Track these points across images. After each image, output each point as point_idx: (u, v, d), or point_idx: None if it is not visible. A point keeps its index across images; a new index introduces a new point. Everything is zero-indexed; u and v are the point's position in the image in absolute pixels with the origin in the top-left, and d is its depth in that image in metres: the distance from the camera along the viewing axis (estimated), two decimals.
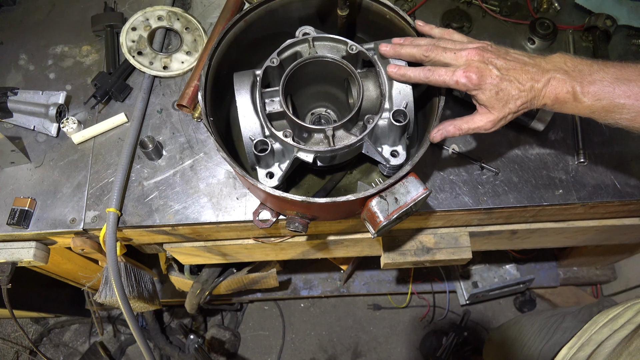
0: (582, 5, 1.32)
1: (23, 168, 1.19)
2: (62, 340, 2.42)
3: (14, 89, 1.23)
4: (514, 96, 0.81)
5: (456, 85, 0.83)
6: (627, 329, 0.98)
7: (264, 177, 0.95)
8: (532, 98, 0.82)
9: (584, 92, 0.79)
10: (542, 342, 1.22)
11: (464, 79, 0.82)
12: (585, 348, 1.04)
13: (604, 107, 0.79)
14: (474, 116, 0.87)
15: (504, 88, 0.81)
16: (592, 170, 1.13)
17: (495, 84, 0.81)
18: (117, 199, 1.10)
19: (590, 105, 0.79)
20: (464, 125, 0.87)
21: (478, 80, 0.81)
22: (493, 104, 0.83)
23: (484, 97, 0.83)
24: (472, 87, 0.82)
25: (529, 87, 0.81)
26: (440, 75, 0.84)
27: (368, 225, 0.90)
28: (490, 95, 0.82)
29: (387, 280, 2.23)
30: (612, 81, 0.78)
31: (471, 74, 0.81)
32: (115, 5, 1.38)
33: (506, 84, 0.81)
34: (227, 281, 1.65)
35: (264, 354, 2.38)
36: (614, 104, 0.78)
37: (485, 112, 0.85)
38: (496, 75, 0.81)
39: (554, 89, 0.80)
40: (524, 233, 1.30)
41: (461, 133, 0.88)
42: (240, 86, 0.95)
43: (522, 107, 0.83)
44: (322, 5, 1.05)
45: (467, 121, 0.87)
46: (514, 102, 0.82)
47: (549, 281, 2.20)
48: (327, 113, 1.13)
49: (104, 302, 1.18)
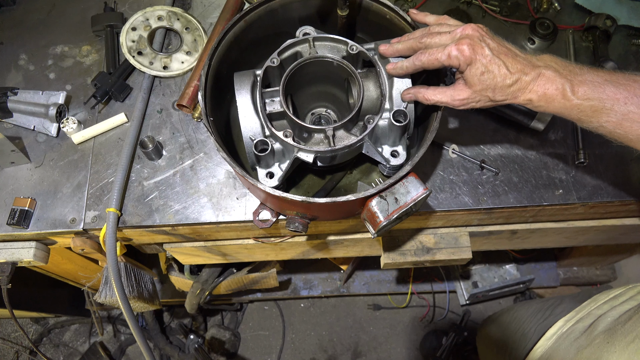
0: (582, 5, 1.32)
1: (23, 168, 1.19)
2: (62, 340, 2.42)
3: (14, 89, 1.23)
4: (497, 83, 0.79)
5: (448, 60, 0.80)
6: (630, 304, 0.97)
7: (264, 177, 0.95)
8: (517, 90, 0.80)
9: (574, 90, 0.77)
10: (538, 322, 1.21)
11: (455, 52, 0.79)
12: (585, 320, 1.03)
13: (592, 107, 0.78)
14: (448, 89, 0.85)
15: (491, 70, 0.79)
16: (592, 170, 1.13)
17: (484, 62, 0.79)
18: (117, 199, 1.10)
19: (579, 105, 0.78)
20: (432, 97, 0.86)
21: (470, 53, 0.78)
22: (474, 82, 0.81)
23: (469, 73, 0.81)
24: (463, 60, 0.79)
25: (515, 79, 0.79)
26: (432, 54, 0.82)
27: (368, 225, 0.90)
28: (475, 73, 0.80)
29: (387, 280, 2.23)
30: (602, 82, 0.78)
31: (464, 47, 0.79)
32: (115, 5, 1.38)
33: (494, 67, 0.79)
34: (227, 281, 1.65)
35: (264, 354, 2.38)
36: (602, 105, 0.77)
37: (461, 87, 0.84)
38: (487, 54, 0.79)
39: (542, 85, 0.79)
40: (524, 233, 1.30)
41: (428, 103, 0.88)
42: (241, 86, 0.95)
43: (500, 97, 0.82)
44: (322, 5, 1.05)
45: (438, 92, 0.86)
46: (494, 90, 0.80)
47: (549, 281, 2.20)
48: (327, 113, 1.13)
49: (104, 302, 1.18)
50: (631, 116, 0.76)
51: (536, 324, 1.21)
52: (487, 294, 2.18)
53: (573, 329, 1.04)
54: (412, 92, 0.90)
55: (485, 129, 1.18)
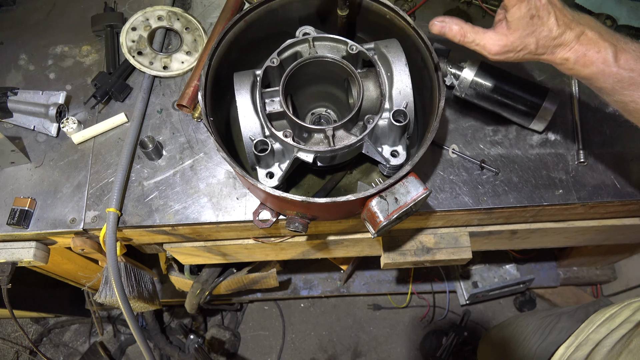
0: (582, 5, 1.31)
1: (23, 168, 1.19)
2: (62, 340, 2.42)
3: (14, 89, 1.23)
4: (543, 32, 0.73)
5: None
6: (625, 327, 0.97)
7: (264, 177, 0.95)
8: (558, 45, 0.74)
9: (617, 57, 0.72)
10: (537, 342, 1.21)
11: None
12: (583, 347, 1.03)
13: (631, 79, 0.73)
14: (488, 31, 0.76)
15: (542, 16, 0.72)
16: (592, 170, 1.13)
17: (537, 6, 0.72)
18: (117, 199, 1.10)
19: (618, 73, 0.73)
20: (470, 34, 0.76)
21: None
22: (520, 25, 0.73)
23: (518, 12, 0.72)
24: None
25: (561, 32, 0.73)
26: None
27: (368, 225, 0.90)
28: (524, 15, 0.72)
29: (387, 280, 2.23)
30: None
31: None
32: (115, 5, 1.38)
33: (545, 13, 0.72)
34: (227, 281, 1.65)
35: (264, 354, 2.38)
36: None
37: (502, 32, 0.75)
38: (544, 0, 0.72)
39: (584, 45, 0.73)
40: (524, 233, 1.30)
41: (462, 41, 0.77)
42: (240, 86, 0.95)
43: (541, 50, 0.75)
44: (322, 5, 1.05)
45: (477, 32, 0.76)
46: (538, 39, 0.74)
47: (549, 281, 2.20)
48: (327, 113, 1.13)
49: (104, 302, 1.18)
50: None
51: (537, 344, 1.21)
52: (487, 294, 2.18)
53: (573, 359, 1.04)
54: (446, 22, 0.78)
55: (485, 129, 1.18)
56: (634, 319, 0.98)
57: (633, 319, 0.98)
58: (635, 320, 0.97)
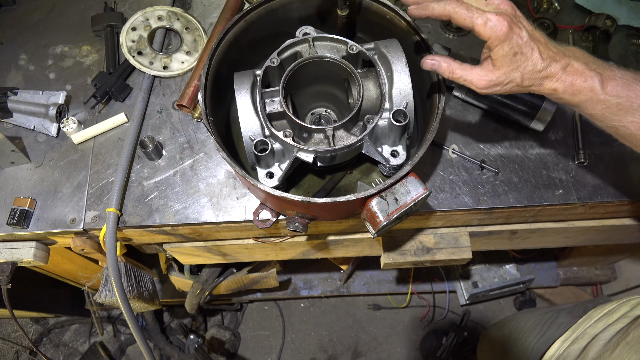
0: (582, 5, 1.32)
1: (23, 168, 1.19)
2: (62, 340, 2.42)
3: (14, 89, 1.23)
4: (528, 67, 0.76)
5: (482, 28, 0.75)
6: (622, 322, 0.96)
7: (264, 177, 0.95)
8: (545, 77, 0.77)
9: (603, 84, 0.75)
10: (536, 337, 1.21)
11: (494, 22, 0.74)
12: (579, 341, 1.03)
13: (618, 105, 0.75)
14: (475, 68, 0.80)
15: (525, 52, 0.75)
16: (592, 170, 1.13)
17: (519, 44, 0.75)
18: (117, 199, 1.10)
19: (605, 100, 0.75)
20: (457, 71, 0.80)
21: (507, 30, 0.74)
22: (504, 62, 0.76)
23: (501, 51, 0.75)
24: (497, 34, 0.74)
25: (545, 65, 0.76)
26: (470, 10, 0.75)
27: (368, 225, 0.90)
28: (507, 53, 0.75)
29: (387, 280, 2.23)
30: (631, 80, 0.75)
31: (503, 21, 0.74)
32: (115, 5, 1.38)
33: (528, 50, 0.75)
34: (227, 281, 1.65)
35: (264, 354, 2.38)
36: (630, 103, 0.74)
37: (488, 68, 0.78)
38: (524, 36, 0.75)
39: (571, 75, 0.76)
40: (524, 233, 1.30)
41: (451, 77, 0.80)
42: (240, 86, 0.95)
43: (527, 82, 0.78)
44: (322, 5, 1.05)
45: (464, 68, 0.79)
46: (523, 74, 0.77)
47: (549, 281, 2.20)
48: (327, 113, 1.13)
49: (104, 302, 1.18)
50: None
51: (535, 339, 1.21)
52: (487, 294, 2.18)
53: (568, 352, 1.04)
54: (436, 60, 0.81)
55: (485, 129, 1.18)
56: (631, 314, 0.98)
57: (631, 314, 0.98)
58: (633, 315, 0.97)
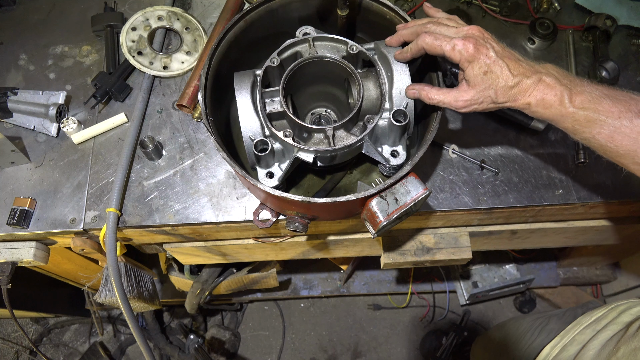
0: (582, 5, 1.32)
1: (23, 168, 1.19)
2: (62, 340, 2.42)
3: (14, 89, 1.23)
4: (500, 84, 0.81)
5: (451, 52, 0.82)
6: (611, 329, 0.97)
7: (264, 177, 0.95)
8: (518, 93, 0.81)
9: (571, 98, 0.79)
10: (527, 343, 1.22)
11: (460, 46, 0.81)
12: (569, 348, 1.04)
13: (586, 117, 0.78)
14: (452, 91, 0.86)
15: (494, 70, 0.80)
16: (592, 170, 1.13)
17: (487, 63, 0.80)
18: (117, 199, 1.10)
19: (574, 113, 0.79)
20: (436, 97, 0.86)
21: (474, 51, 0.80)
22: (477, 81, 0.82)
23: (472, 72, 0.82)
24: (465, 56, 0.81)
25: (517, 81, 0.80)
26: (438, 38, 0.83)
27: (368, 225, 0.90)
28: (478, 73, 0.81)
29: (387, 280, 2.23)
30: (599, 95, 0.78)
31: (469, 44, 0.80)
32: (115, 5, 1.38)
33: (497, 68, 0.80)
34: (227, 281, 1.65)
35: (264, 354, 2.38)
36: (597, 116, 0.78)
37: (464, 89, 0.84)
38: (491, 55, 0.80)
39: (542, 90, 0.80)
40: (524, 233, 1.30)
41: (430, 102, 0.88)
42: (241, 86, 0.95)
43: (501, 99, 0.82)
44: (322, 5, 1.05)
45: (442, 92, 0.86)
46: (496, 91, 0.82)
47: (549, 281, 2.20)
48: (327, 113, 1.13)
49: (104, 302, 1.18)
50: (623, 130, 0.77)
51: (526, 345, 1.22)
52: (487, 294, 2.18)
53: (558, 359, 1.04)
54: (416, 89, 0.90)
55: (485, 129, 1.18)
56: (619, 320, 0.99)
57: (618, 321, 0.99)
58: (621, 322, 0.98)
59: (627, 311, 1.00)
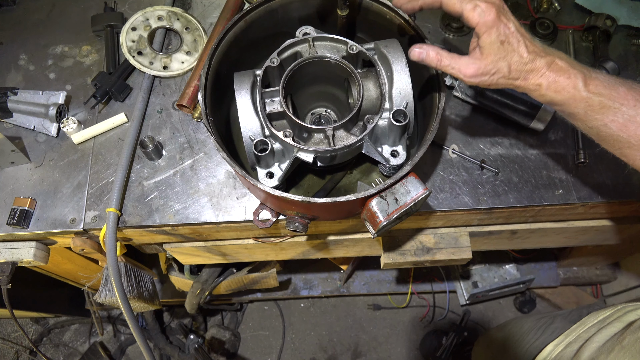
0: (582, 5, 1.32)
1: (23, 168, 1.19)
2: (62, 340, 2.42)
3: (14, 89, 1.23)
4: (514, 58, 0.77)
5: (471, 12, 0.76)
6: (616, 326, 0.97)
7: (264, 177, 0.95)
8: (530, 71, 0.78)
9: (586, 82, 0.76)
10: (530, 341, 1.21)
11: (482, 8, 0.75)
12: (573, 345, 1.03)
13: (600, 103, 0.76)
14: (463, 57, 0.81)
15: (511, 42, 0.77)
16: (592, 170, 1.13)
17: (506, 33, 0.76)
18: (117, 199, 1.10)
19: (588, 98, 0.76)
20: (445, 60, 0.81)
21: (495, 18, 0.75)
22: (491, 50, 0.78)
23: (488, 39, 0.77)
24: (486, 21, 0.76)
25: (532, 58, 0.77)
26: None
27: (368, 225, 0.90)
28: (494, 41, 0.77)
29: (387, 280, 2.23)
30: (614, 82, 0.76)
31: (491, 8, 0.75)
32: (115, 5, 1.38)
33: (515, 40, 0.77)
34: (227, 281, 1.65)
35: (264, 354, 2.38)
36: (612, 103, 0.75)
37: (476, 57, 0.80)
38: (511, 27, 0.77)
39: (555, 72, 0.77)
40: (524, 233, 1.30)
41: (439, 66, 0.82)
42: (240, 86, 0.95)
43: (514, 74, 0.79)
44: (322, 5, 1.05)
45: (452, 57, 0.81)
46: (510, 65, 0.78)
47: (549, 281, 2.20)
48: (327, 113, 1.13)
49: (104, 302, 1.18)
50: (638, 119, 0.75)
51: (529, 343, 1.21)
52: (487, 294, 2.18)
53: (562, 355, 1.04)
54: (424, 49, 0.82)
55: (485, 129, 1.18)
56: (625, 319, 0.98)
57: (624, 319, 0.98)
58: (626, 320, 0.97)
59: (634, 311, 0.99)
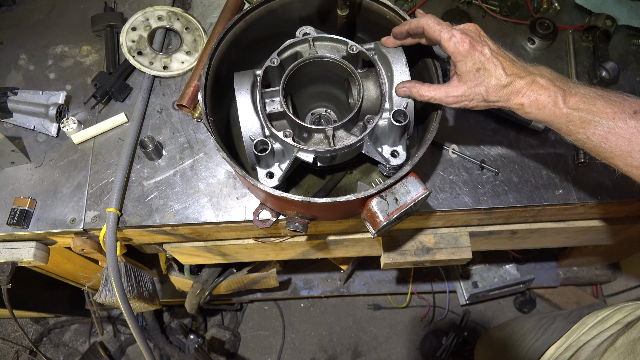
0: (582, 5, 1.32)
1: (23, 168, 1.19)
2: (62, 340, 2.42)
3: (14, 89, 1.23)
4: (492, 82, 0.81)
5: (447, 42, 0.81)
6: (614, 329, 0.97)
7: (264, 177, 0.95)
8: (510, 93, 0.81)
9: (565, 99, 0.79)
10: (531, 342, 1.21)
11: (458, 38, 0.80)
12: (572, 348, 1.03)
13: (580, 118, 0.78)
14: (442, 86, 0.86)
15: (488, 68, 0.81)
16: (592, 170, 1.13)
17: (481, 60, 0.81)
18: (117, 199, 1.10)
19: (568, 114, 0.79)
20: (427, 93, 0.87)
21: (469, 47, 0.80)
22: (468, 78, 0.82)
23: (464, 67, 0.82)
24: (460, 51, 0.81)
25: (510, 80, 0.80)
26: (439, 23, 0.82)
27: (368, 225, 0.90)
28: (470, 69, 0.81)
29: (387, 280, 2.23)
30: (593, 96, 0.79)
31: (465, 39, 0.80)
32: (115, 5, 1.38)
33: (491, 65, 0.81)
34: (227, 281, 1.65)
35: (264, 354, 2.38)
36: (591, 117, 0.78)
37: (455, 84, 0.84)
38: (486, 53, 0.81)
39: (535, 91, 0.80)
40: (524, 233, 1.30)
41: (422, 99, 0.88)
42: (241, 86, 0.95)
43: (493, 97, 0.82)
44: (322, 5, 1.05)
45: (433, 89, 0.87)
46: (488, 89, 0.82)
47: (549, 281, 2.20)
48: (327, 113, 1.13)
49: (104, 302, 1.18)
50: (617, 130, 0.77)
51: (530, 343, 1.22)
52: (487, 294, 2.18)
53: (562, 359, 1.04)
54: (407, 86, 0.91)
55: (485, 129, 1.18)
56: (624, 320, 0.98)
57: (624, 321, 0.98)
58: (625, 322, 0.97)
59: (633, 312, 0.99)
